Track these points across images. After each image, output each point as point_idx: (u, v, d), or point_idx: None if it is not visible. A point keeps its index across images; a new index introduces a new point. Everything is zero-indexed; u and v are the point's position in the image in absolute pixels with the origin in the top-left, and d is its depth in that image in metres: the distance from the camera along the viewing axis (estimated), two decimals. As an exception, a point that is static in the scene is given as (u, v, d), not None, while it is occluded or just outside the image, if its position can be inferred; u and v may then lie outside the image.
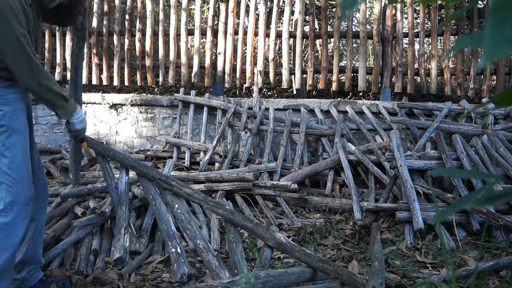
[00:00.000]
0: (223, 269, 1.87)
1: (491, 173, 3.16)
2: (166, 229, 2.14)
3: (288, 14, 5.32)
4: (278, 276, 1.81)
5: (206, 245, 2.00)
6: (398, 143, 3.40)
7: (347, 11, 0.75)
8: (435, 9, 5.18)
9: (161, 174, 2.29)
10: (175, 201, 2.24)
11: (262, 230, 2.04)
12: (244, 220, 2.08)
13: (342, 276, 1.85)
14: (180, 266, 1.92)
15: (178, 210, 2.21)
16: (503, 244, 2.68)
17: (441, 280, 2.06)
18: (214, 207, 2.13)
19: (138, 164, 2.37)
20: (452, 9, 5.26)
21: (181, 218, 2.17)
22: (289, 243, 1.98)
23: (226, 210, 2.11)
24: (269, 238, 2.01)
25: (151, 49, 5.58)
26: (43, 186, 2.16)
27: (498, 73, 5.10)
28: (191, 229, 2.11)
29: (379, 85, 5.24)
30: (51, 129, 5.46)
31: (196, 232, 2.09)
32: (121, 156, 2.45)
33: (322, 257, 2.00)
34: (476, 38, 0.68)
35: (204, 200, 2.18)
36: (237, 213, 2.11)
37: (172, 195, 2.26)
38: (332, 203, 3.50)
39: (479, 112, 4.41)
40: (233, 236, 2.09)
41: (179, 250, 2.01)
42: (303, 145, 4.36)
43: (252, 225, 2.07)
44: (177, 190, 2.25)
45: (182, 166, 4.50)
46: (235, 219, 2.08)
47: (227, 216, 2.10)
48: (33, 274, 2.13)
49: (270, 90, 6.44)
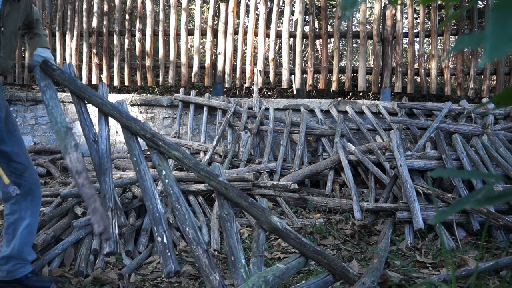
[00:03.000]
0: (214, 270, 1.65)
1: (491, 173, 3.16)
2: (151, 208, 1.80)
3: (288, 14, 5.32)
4: (282, 275, 1.73)
5: (196, 236, 1.72)
6: (398, 143, 3.40)
7: (347, 12, 0.75)
8: (435, 9, 5.18)
9: (147, 130, 1.94)
10: (162, 165, 1.89)
11: (258, 211, 1.83)
12: (239, 197, 1.83)
13: (335, 270, 1.81)
14: (166, 260, 1.65)
15: (166, 179, 1.86)
16: (503, 244, 2.68)
17: (441, 280, 2.06)
18: (207, 177, 1.85)
19: (120, 113, 1.96)
20: (452, 9, 5.26)
21: (169, 191, 1.83)
22: (284, 228, 1.81)
23: (220, 182, 1.84)
24: (264, 221, 1.82)
25: (151, 49, 5.58)
26: (34, 187, 2.14)
27: (498, 73, 5.10)
28: (179, 210, 1.78)
29: (379, 85, 5.24)
30: (51, 129, 5.46)
31: (185, 216, 1.77)
32: (98, 101, 2.03)
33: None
34: (476, 38, 0.68)
35: (195, 168, 1.87)
36: (232, 188, 1.85)
37: (160, 157, 1.91)
38: (332, 203, 3.50)
39: (479, 112, 4.41)
40: (226, 213, 1.83)
41: (165, 240, 1.70)
42: (303, 145, 4.36)
43: (247, 203, 1.83)
44: (164, 151, 1.90)
45: (182, 166, 4.50)
46: (229, 194, 1.83)
47: (220, 189, 1.84)
48: (19, 268, 2.14)
49: (270, 90, 6.44)
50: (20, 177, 2.08)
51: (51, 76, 2.09)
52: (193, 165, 1.87)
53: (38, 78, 2.09)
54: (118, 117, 1.96)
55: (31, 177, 2.14)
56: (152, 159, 1.91)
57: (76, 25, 5.69)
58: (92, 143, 1.99)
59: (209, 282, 1.62)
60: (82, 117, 2.04)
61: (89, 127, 2.02)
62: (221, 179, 1.85)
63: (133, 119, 1.96)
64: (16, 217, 2.11)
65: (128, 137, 1.95)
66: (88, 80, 5.69)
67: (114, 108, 2.00)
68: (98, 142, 1.99)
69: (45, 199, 3.31)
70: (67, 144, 1.83)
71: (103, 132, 2.01)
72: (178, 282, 2.31)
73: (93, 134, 2.01)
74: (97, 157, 1.98)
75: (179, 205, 1.79)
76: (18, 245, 2.11)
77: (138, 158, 1.91)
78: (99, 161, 1.97)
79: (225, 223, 1.81)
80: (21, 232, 2.11)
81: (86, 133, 2.01)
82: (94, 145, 1.99)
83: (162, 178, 1.85)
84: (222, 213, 1.84)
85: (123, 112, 1.98)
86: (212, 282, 1.61)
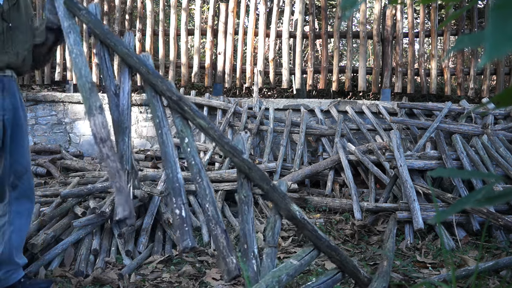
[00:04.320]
0: (232, 252, 1.55)
1: (491, 173, 3.16)
2: (171, 177, 1.66)
3: (288, 14, 5.32)
4: (294, 274, 1.66)
5: (216, 214, 1.60)
6: (398, 143, 3.40)
7: (347, 12, 0.75)
8: (435, 9, 5.18)
9: (173, 92, 1.73)
10: (185, 131, 1.71)
11: (278, 197, 1.71)
12: (261, 179, 1.69)
13: (346, 268, 1.77)
14: (183, 235, 1.55)
15: (188, 147, 1.69)
16: (503, 244, 2.68)
17: (441, 280, 2.06)
18: (230, 153, 1.69)
19: (146, 69, 1.77)
20: (452, 9, 5.26)
21: (190, 161, 1.66)
22: (302, 219, 1.70)
23: (243, 160, 1.69)
24: (283, 208, 1.71)
25: (151, 49, 5.58)
26: (29, 192, 2.14)
27: (498, 73, 5.10)
28: (200, 183, 1.64)
29: (379, 85, 5.24)
30: (51, 129, 5.46)
31: (206, 191, 1.62)
32: (124, 51, 1.82)
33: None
34: (476, 38, 0.68)
35: (219, 140, 1.70)
36: (256, 169, 1.70)
37: (184, 123, 1.73)
38: (332, 203, 3.50)
39: (479, 112, 4.41)
40: (245, 195, 1.69)
41: (183, 213, 1.58)
42: (303, 145, 4.36)
43: (268, 187, 1.68)
44: (189, 117, 1.71)
45: (182, 166, 4.50)
46: (251, 174, 1.68)
47: (242, 167, 1.68)
48: (11, 274, 2.11)
49: (270, 90, 6.44)
50: (19, 179, 2.08)
51: (77, 15, 1.87)
52: (218, 137, 1.70)
53: (61, 16, 1.88)
54: (144, 73, 1.76)
55: (28, 181, 2.13)
56: (174, 124, 1.74)
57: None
58: (113, 96, 1.80)
59: (225, 264, 1.54)
60: (105, 65, 1.83)
61: (111, 78, 1.82)
62: (245, 156, 1.71)
63: (160, 77, 1.76)
64: (5, 221, 2.08)
65: (152, 95, 1.76)
66: (88, 80, 5.69)
67: (141, 61, 1.78)
68: (119, 96, 1.80)
69: (45, 199, 3.31)
70: (91, 104, 1.64)
71: (126, 86, 1.82)
72: (178, 282, 2.31)
73: (114, 86, 1.82)
74: (117, 112, 1.79)
75: (201, 179, 1.64)
76: (8, 249, 2.08)
77: (161, 120, 1.72)
78: (119, 117, 1.78)
79: (242, 206, 1.68)
80: (9, 237, 2.08)
81: (107, 84, 1.81)
82: (115, 98, 1.80)
83: (184, 146, 1.69)
84: (240, 195, 1.70)
85: (150, 68, 1.77)
86: (229, 264, 1.53)
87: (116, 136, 1.80)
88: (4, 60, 2.02)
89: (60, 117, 5.45)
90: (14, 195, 2.08)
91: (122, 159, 1.74)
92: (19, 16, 2.08)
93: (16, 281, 2.12)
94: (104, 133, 1.59)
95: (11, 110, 2.05)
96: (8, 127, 2.04)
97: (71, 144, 5.41)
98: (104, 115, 1.64)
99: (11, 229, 2.08)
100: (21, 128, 2.09)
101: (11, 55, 2.04)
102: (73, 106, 5.42)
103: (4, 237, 2.08)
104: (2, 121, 2.01)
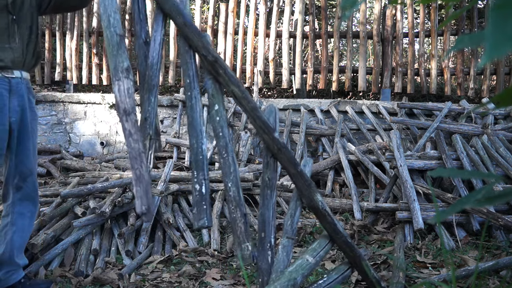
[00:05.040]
0: (248, 238, 1.49)
1: (491, 173, 3.16)
2: (195, 148, 1.50)
3: (288, 14, 5.32)
4: (308, 274, 1.61)
5: (237, 196, 1.49)
6: (398, 143, 3.40)
7: (347, 12, 0.75)
8: (435, 9, 5.18)
9: (210, 51, 1.52)
10: (216, 97, 1.55)
11: (304, 184, 1.60)
12: (288, 162, 1.57)
13: (357, 266, 1.74)
14: (200, 213, 1.46)
15: (217, 116, 1.54)
16: (503, 244, 2.68)
17: (441, 280, 2.06)
18: (261, 129, 1.58)
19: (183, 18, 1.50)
20: (452, 9, 5.26)
21: (218, 132, 1.53)
22: (324, 210, 1.62)
23: (273, 139, 1.57)
24: (307, 196, 1.60)
25: (151, 49, 5.57)
26: (33, 194, 2.14)
27: (498, 73, 5.10)
28: (226, 158, 1.51)
29: (379, 85, 5.24)
30: (51, 129, 5.46)
31: (231, 168, 1.50)
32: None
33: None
34: (476, 38, 0.68)
35: (252, 113, 1.55)
36: (286, 150, 1.59)
37: (216, 88, 1.56)
38: (332, 203, 3.50)
39: (479, 112, 4.41)
40: (269, 178, 1.57)
41: (203, 190, 1.47)
42: (303, 145, 4.36)
43: (295, 171, 1.57)
44: (223, 82, 1.53)
45: (182, 166, 4.50)
46: (279, 155, 1.56)
47: (272, 146, 1.56)
48: (11, 275, 2.11)
49: (270, 90, 6.44)
50: (24, 181, 2.08)
51: None
52: (251, 109, 1.54)
53: None
54: (181, 23, 1.50)
55: (33, 184, 2.14)
56: (205, 86, 1.57)
57: (76, 25, 5.69)
58: (142, 44, 1.52)
59: (241, 250, 1.49)
60: (136, 7, 1.54)
61: (143, 22, 1.53)
62: (276, 135, 1.59)
63: (198, 32, 1.52)
64: (7, 221, 2.09)
65: (186, 50, 1.53)
66: (88, 80, 5.69)
67: (178, 9, 1.51)
68: (150, 46, 1.52)
69: (45, 199, 3.31)
70: (118, 64, 1.38)
71: (158, 35, 1.53)
72: (178, 282, 2.31)
73: (146, 33, 1.53)
74: (145, 64, 1.52)
75: (226, 154, 1.50)
76: (9, 250, 2.08)
77: (192, 80, 1.53)
78: (146, 71, 1.51)
79: (265, 190, 1.56)
80: (11, 237, 2.08)
81: (138, 30, 1.53)
82: (144, 47, 1.51)
83: (213, 114, 1.54)
84: (264, 176, 1.58)
85: (187, 19, 1.52)
86: (244, 250, 1.48)
87: (142, 94, 1.53)
88: (9, 57, 2.01)
89: (60, 117, 5.45)
90: (18, 196, 2.08)
91: (145, 122, 1.52)
92: (24, 8, 2.06)
93: (16, 281, 2.12)
94: (129, 104, 1.35)
95: (18, 112, 2.04)
96: (15, 129, 2.03)
97: (71, 144, 5.41)
98: (131, 77, 1.38)
99: (13, 229, 2.08)
100: (28, 130, 2.09)
101: (16, 52, 2.03)
102: (73, 106, 5.42)
103: (6, 238, 2.08)
104: (9, 123, 2.01)
